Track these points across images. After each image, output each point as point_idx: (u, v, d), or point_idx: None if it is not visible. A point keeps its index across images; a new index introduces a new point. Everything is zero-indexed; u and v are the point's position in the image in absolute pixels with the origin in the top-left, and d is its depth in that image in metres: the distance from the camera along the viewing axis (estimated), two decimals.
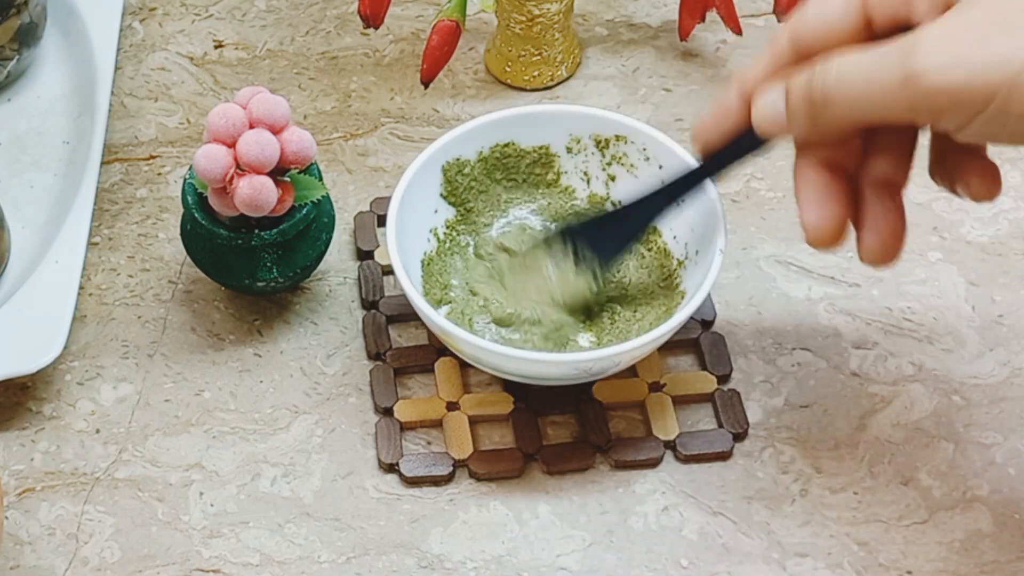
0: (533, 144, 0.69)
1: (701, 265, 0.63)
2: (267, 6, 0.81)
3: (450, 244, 0.68)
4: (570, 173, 0.69)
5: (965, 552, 0.61)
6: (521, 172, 0.69)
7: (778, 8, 0.76)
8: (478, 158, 0.68)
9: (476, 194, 0.69)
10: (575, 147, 0.69)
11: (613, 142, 0.68)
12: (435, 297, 0.66)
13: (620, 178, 0.68)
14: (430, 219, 0.67)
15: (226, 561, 0.61)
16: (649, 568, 0.61)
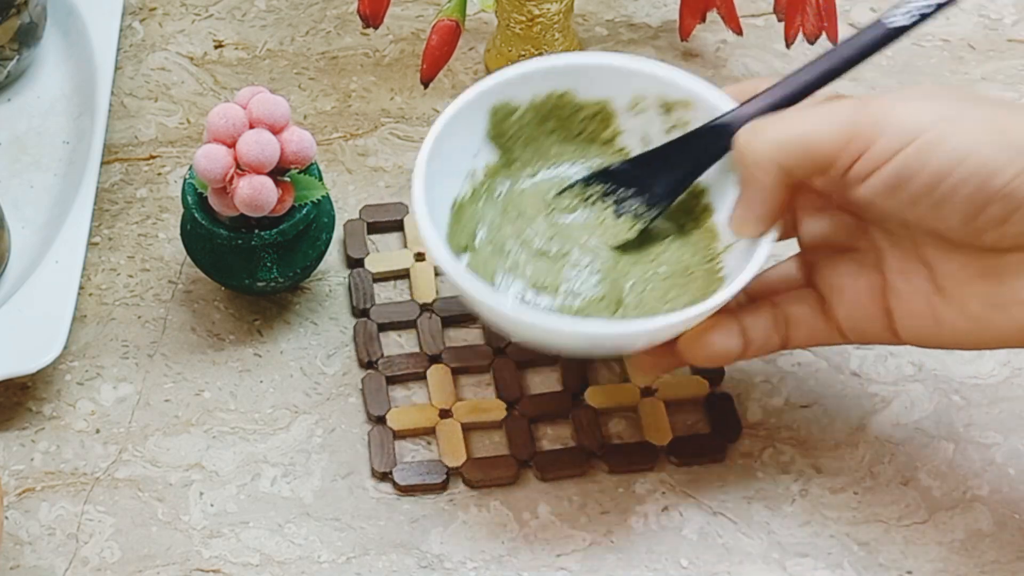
0: (592, 97, 0.63)
1: (747, 253, 0.58)
2: (267, 6, 0.81)
3: (486, 191, 0.63)
4: (628, 133, 0.63)
5: (965, 552, 0.61)
6: (575, 126, 0.64)
7: (778, 8, 0.76)
8: (530, 104, 0.63)
9: (524, 143, 0.63)
10: (637, 106, 0.63)
11: (679, 107, 0.62)
12: (459, 245, 0.61)
13: None
14: (469, 161, 0.62)
15: (226, 561, 0.61)
16: (649, 568, 0.61)
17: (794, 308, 0.60)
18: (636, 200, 0.61)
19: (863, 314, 0.58)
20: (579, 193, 0.62)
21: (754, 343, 0.59)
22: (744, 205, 0.58)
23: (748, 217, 0.58)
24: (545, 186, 0.63)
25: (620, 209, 0.61)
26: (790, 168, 0.55)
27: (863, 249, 0.58)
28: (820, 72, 0.57)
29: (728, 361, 0.61)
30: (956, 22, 0.80)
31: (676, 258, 0.62)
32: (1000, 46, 0.79)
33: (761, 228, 0.58)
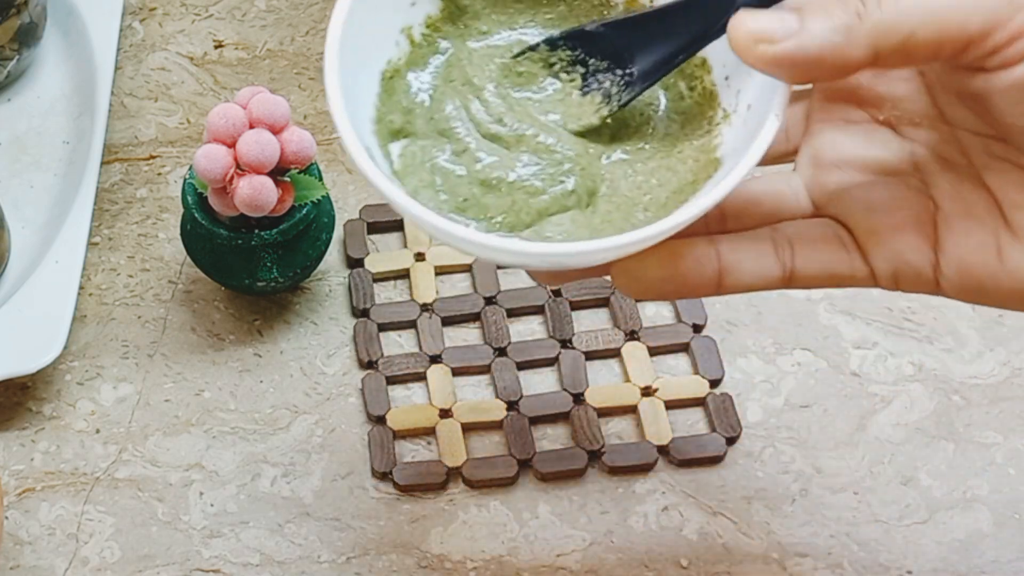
0: None
1: (750, 124, 0.46)
2: (267, 6, 0.81)
3: (427, 50, 0.50)
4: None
5: (965, 552, 0.61)
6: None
7: None
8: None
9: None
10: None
11: None
12: (392, 126, 0.49)
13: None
14: (403, 14, 0.50)
15: (226, 561, 0.61)
16: (649, 568, 0.61)
17: (805, 232, 0.48)
18: (609, 76, 0.49)
19: (906, 244, 0.46)
20: (542, 58, 0.50)
21: (737, 271, 0.47)
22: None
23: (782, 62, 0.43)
24: (500, 47, 0.51)
25: (588, 84, 0.49)
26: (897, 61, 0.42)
27: (903, 171, 0.47)
28: None
29: (689, 294, 0.47)
30: None
31: (661, 129, 0.50)
32: None
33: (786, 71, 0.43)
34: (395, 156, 0.48)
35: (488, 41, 0.51)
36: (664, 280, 0.46)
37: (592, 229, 0.48)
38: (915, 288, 0.47)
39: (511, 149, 0.48)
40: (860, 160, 0.48)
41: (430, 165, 0.48)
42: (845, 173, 0.48)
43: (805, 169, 0.49)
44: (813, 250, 0.47)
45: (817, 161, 0.49)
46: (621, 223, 0.48)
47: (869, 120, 0.48)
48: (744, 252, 0.47)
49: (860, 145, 0.48)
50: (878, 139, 0.48)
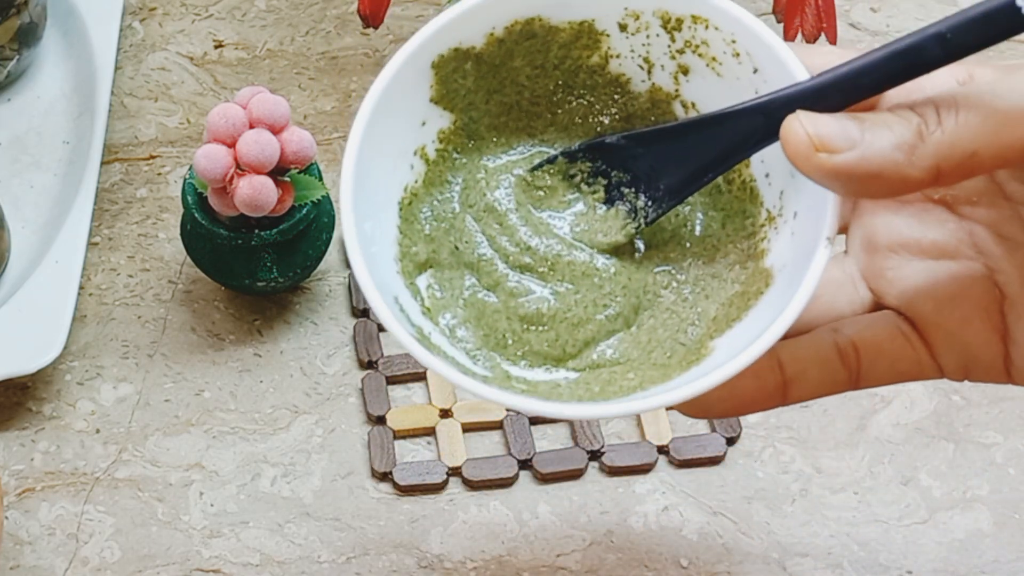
0: (569, 19, 0.48)
1: (799, 238, 0.44)
2: (267, 6, 0.81)
3: (443, 167, 0.49)
4: (624, 58, 0.48)
5: (965, 552, 0.61)
6: (551, 56, 0.48)
7: (777, 8, 0.76)
8: (487, 42, 0.48)
9: (485, 95, 0.49)
10: (632, 24, 0.47)
11: (689, 24, 0.46)
12: (417, 259, 0.47)
13: (697, 73, 0.47)
14: (415, 136, 0.48)
15: (226, 561, 0.61)
16: (649, 568, 0.61)
17: (867, 331, 0.45)
18: (633, 189, 0.47)
19: (975, 338, 0.44)
20: (560, 170, 0.48)
21: (803, 382, 0.44)
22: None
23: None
24: (517, 160, 0.49)
25: (611, 196, 0.48)
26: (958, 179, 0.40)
27: (963, 253, 0.44)
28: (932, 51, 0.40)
29: (754, 410, 0.45)
30: None
31: (700, 229, 0.48)
32: (1000, 46, 0.79)
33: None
34: (424, 291, 0.47)
35: (507, 155, 0.49)
36: (724, 400, 0.44)
37: (641, 350, 0.46)
38: (985, 379, 0.44)
39: (546, 280, 0.47)
40: (916, 243, 0.45)
41: (463, 300, 0.47)
42: (902, 258, 0.45)
43: (859, 253, 0.46)
44: (879, 353, 0.44)
45: (870, 244, 0.46)
46: (671, 343, 0.46)
47: (923, 199, 0.45)
48: (808, 362, 0.44)
49: (915, 227, 0.45)
50: (934, 219, 0.45)
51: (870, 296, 0.46)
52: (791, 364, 0.44)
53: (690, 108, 0.48)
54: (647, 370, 0.45)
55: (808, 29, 0.73)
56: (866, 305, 0.46)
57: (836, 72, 0.41)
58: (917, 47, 0.40)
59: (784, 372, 0.44)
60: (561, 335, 0.46)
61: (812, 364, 0.44)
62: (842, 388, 0.45)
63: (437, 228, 0.48)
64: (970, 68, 0.43)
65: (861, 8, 0.81)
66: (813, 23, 0.73)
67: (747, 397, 0.44)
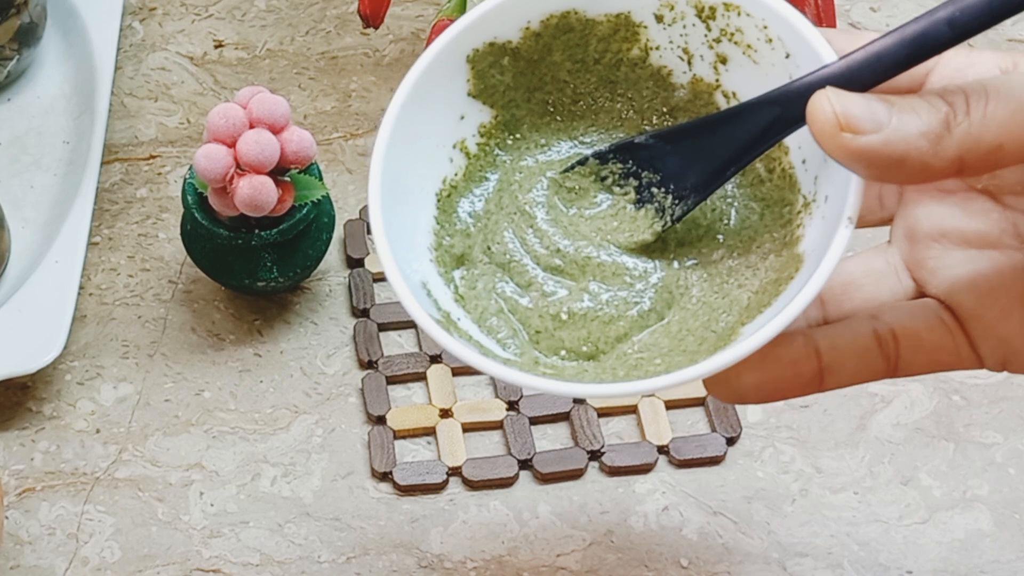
0: (606, 11, 0.48)
1: (828, 221, 0.43)
2: (267, 6, 0.81)
3: (484, 162, 0.49)
4: (663, 50, 0.48)
5: (965, 552, 0.61)
6: (591, 50, 0.49)
7: None
8: (523, 36, 0.48)
9: (526, 93, 0.49)
10: (667, 15, 0.48)
11: (722, 12, 0.46)
12: (453, 252, 0.48)
13: (735, 61, 0.47)
14: (453, 129, 0.48)
15: (226, 561, 0.61)
16: (649, 568, 0.61)
17: (908, 319, 0.44)
18: (663, 188, 0.47)
19: (1016, 329, 0.43)
20: (592, 171, 0.49)
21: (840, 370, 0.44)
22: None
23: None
24: (553, 162, 0.49)
25: (641, 197, 0.48)
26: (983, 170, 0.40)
27: (1006, 244, 0.44)
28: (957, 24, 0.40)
29: (789, 396, 0.44)
30: None
31: (738, 222, 0.48)
32: (1000, 46, 0.79)
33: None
34: (458, 280, 0.47)
35: (546, 155, 0.49)
36: (760, 386, 0.44)
37: (672, 339, 0.46)
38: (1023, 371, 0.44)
39: (577, 280, 0.47)
40: (959, 233, 0.44)
41: (496, 296, 0.47)
42: (944, 248, 0.45)
43: (901, 242, 0.46)
44: (918, 343, 0.44)
45: (913, 234, 0.46)
46: (702, 332, 0.46)
47: (966, 189, 0.45)
48: (846, 350, 0.44)
49: (959, 216, 0.45)
50: (978, 209, 0.44)
51: (913, 286, 0.45)
52: (828, 352, 0.43)
53: (731, 98, 0.48)
54: (675, 356, 0.45)
55: None
56: (909, 295, 0.45)
57: (853, 57, 0.41)
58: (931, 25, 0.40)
59: (821, 360, 0.43)
60: (593, 332, 0.47)
61: (850, 353, 0.44)
62: (880, 376, 0.44)
63: (472, 226, 0.48)
64: (1016, 57, 0.42)
65: (861, 8, 0.81)
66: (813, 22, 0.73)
67: (784, 383, 0.43)
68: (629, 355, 0.46)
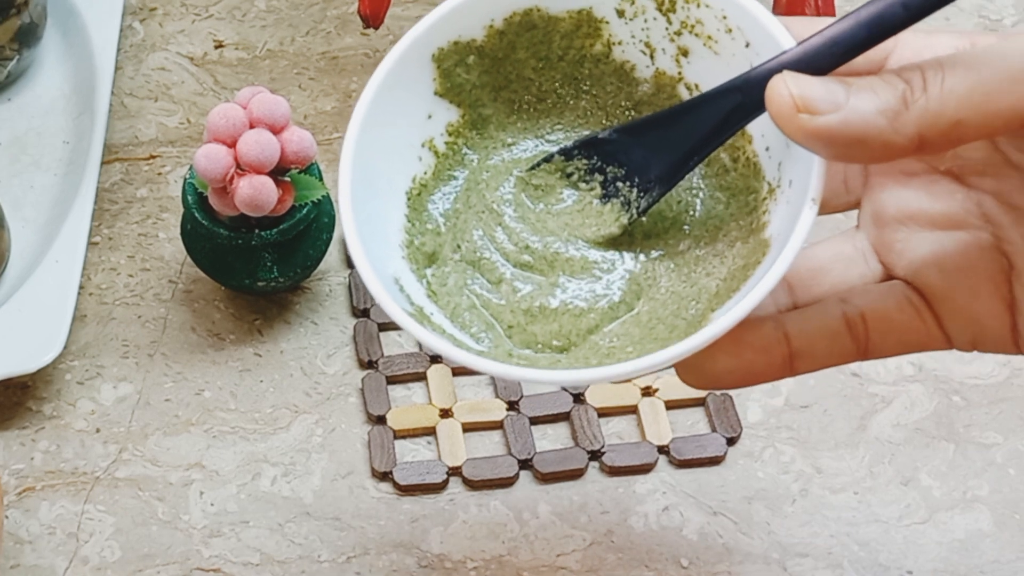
0: (567, 8, 0.48)
1: (792, 205, 0.44)
2: (267, 6, 0.81)
3: (452, 160, 0.50)
4: (626, 44, 0.49)
5: (965, 552, 0.61)
6: (555, 47, 0.49)
7: (777, 7, 0.76)
8: (487, 35, 0.49)
9: (492, 92, 0.50)
10: (628, 9, 0.48)
11: (681, 4, 0.47)
12: (424, 250, 0.48)
13: (696, 53, 0.47)
14: (421, 128, 0.49)
15: (226, 561, 0.61)
16: (649, 568, 0.61)
17: (877, 302, 0.44)
18: (627, 182, 0.48)
19: (983, 308, 0.44)
20: (558, 166, 0.49)
21: (809, 354, 0.44)
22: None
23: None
24: (519, 160, 0.50)
25: (607, 192, 0.48)
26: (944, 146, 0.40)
27: (972, 223, 0.44)
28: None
29: (759, 382, 0.45)
30: (956, 22, 0.80)
31: (704, 212, 0.48)
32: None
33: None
34: (430, 277, 0.48)
35: (512, 153, 0.50)
36: (731, 371, 0.44)
37: (643, 328, 0.46)
38: (993, 350, 0.44)
39: (547, 275, 0.48)
40: (925, 214, 0.45)
41: (468, 292, 0.48)
42: (910, 230, 0.45)
43: (869, 227, 0.46)
44: (888, 324, 0.44)
45: (879, 218, 0.46)
46: (673, 320, 0.46)
47: (931, 171, 0.45)
48: (816, 334, 0.44)
49: (924, 199, 0.45)
50: (942, 191, 0.45)
51: (881, 269, 0.46)
52: (798, 337, 0.44)
53: (694, 90, 0.48)
54: (647, 344, 0.46)
55: None
56: (877, 278, 0.46)
57: (811, 42, 0.41)
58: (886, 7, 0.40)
59: (791, 344, 0.44)
60: (564, 326, 0.47)
61: (819, 336, 0.44)
62: (850, 359, 0.45)
63: (442, 224, 0.49)
64: (973, 36, 0.42)
65: None
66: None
67: (755, 368, 0.44)
68: (601, 345, 0.46)
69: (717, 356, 0.44)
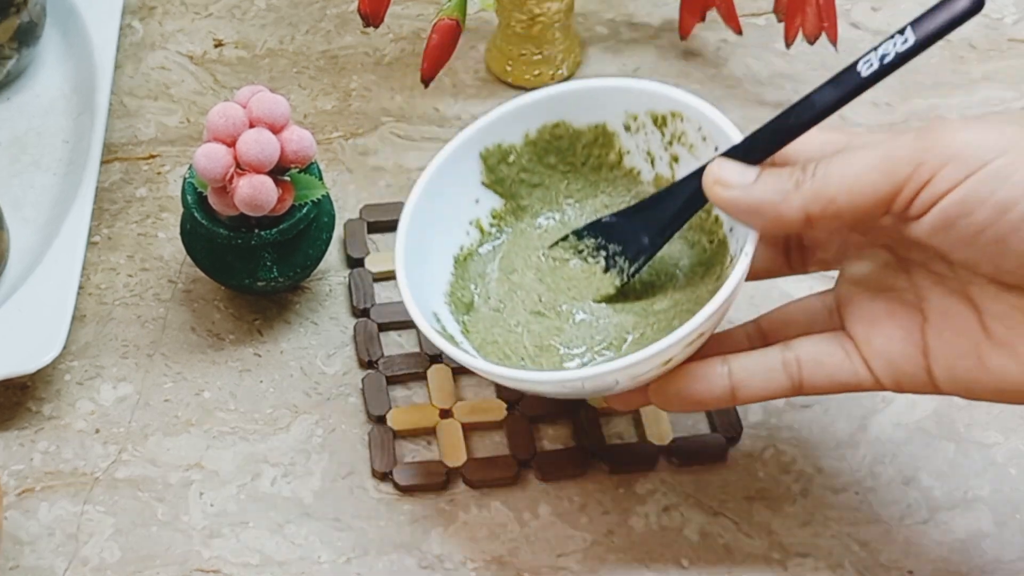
0: (587, 123, 0.62)
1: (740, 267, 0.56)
2: (267, 5, 0.81)
3: (493, 236, 0.63)
4: (633, 153, 0.62)
5: (965, 552, 0.61)
6: (578, 155, 0.63)
7: (778, 8, 0.76)
8: (525, 142, 0.62)
9: (528, 187, 0.63)
10: (633, 125, 0.61)
11: (670, 119, 0.60)
12: (463, 300, 0.61)
13: (683, 159, 0.60)
14: (470, 210, 0.62)
15: (226, 561, 0.61)
16: (649, 568, 0.61)
17: (812, 347, 0.56)
18: (622, 255, 0.61)
19: (899, 352, 0.54)
20: (572, 245, 0.62)
21: (747, 387, 0.56)
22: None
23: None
24: (545, 235, 0.63)
25: (609, 264, 0.61)
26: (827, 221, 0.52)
27: (901, 288, 0.55)
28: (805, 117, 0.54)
29: (709, 407, 0.57)
30: None
31: (685, 284, 0.60)
32: (1001, 46, 0.79)
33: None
34: (465, 320, 0.61)
35: (540, 229, 0.63)
36: (683, 398, 0.56)
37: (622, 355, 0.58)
38: (917, 390, 0.54)
39: (556, 321, 0.60)
40: (868, 279, 0.56)
41: (494, 331, 0.60)
42: (857, 290, 0.56)
43: (839, 287, 0.58)
44: (819, 365, 0.55)
45: (843, 280, 0.58)
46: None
47: (875, 245, 0.56)
48: (754, 370, 0.56)
49: (867, 266, 0.56)
50: (880, 260, 0.56)
51: (840, 322, 0.57)
52: (738, 372, 0.56)
53: None
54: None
55: (809, 29, 0.73)
56: (837, 329, 0.57)
57: (747, 138, 0.55)
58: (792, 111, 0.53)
59: (732, 378, 0.55)
60: (565, 355, 0.60)
61: (757, 372, 0.56)
62: (786, 393, 0.56)
63: (480, 284, 0.62)
64: (850, 136, 0.55)
65: (862, 7, 0.81)
66: (814, 23, 0.73)
67: (701, 397, 0.56)
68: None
69: (673, 383, 0.56)
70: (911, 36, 0.52)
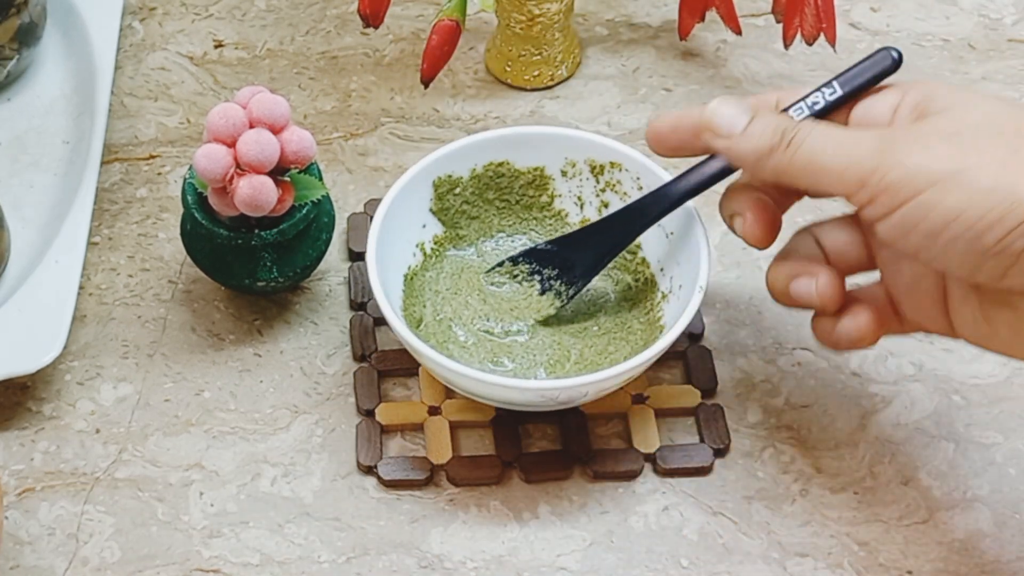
0: (528, 165, 0.67)
1: (682, 299, 0.62)
2: (267, 6, 0.81)
3: (434, 260, 0.67)
4: (564, 197, 0.68)
5: (965, 552, 0.61)
6: (515, 193, 0.68)
7: (776, 8, 0.76)
8: (471, 175, 0.67)
9: (468, 219, 0.68)
10: (570, 171, 0.67)
11: (608, 168, 0.66)
12: (414, 316, 0.65)
13: (613, 205, 0.67)
14: (417, 233, 0.67)
15: (226, 561, 0.61)
16: (649, 568, 0.61)
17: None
18: (559, 279, 0.66)
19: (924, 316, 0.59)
20: (508, 270, 0.67)
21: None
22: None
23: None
24: (481, 261, 0.68)
25: (544, 287, 0.66)
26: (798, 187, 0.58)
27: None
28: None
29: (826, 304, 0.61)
30: (956, 22, 0.80)
31: (615, 313, 0.66)
32: (1000, 46, 0.79)
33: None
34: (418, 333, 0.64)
35: (476, 254, 0.68)
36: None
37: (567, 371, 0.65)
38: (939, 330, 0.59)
39: (503, 339, 0.65)
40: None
41: (448, 346, 0.65)
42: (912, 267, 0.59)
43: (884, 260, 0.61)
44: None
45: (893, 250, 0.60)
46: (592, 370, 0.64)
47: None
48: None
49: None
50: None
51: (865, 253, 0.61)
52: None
53: None
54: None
55: (807, 29, 0.73)
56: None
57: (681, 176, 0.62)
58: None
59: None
60: (514, 368, 0.65)
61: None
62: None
63: (427, 301, 0.66)
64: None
65: (861, 8, 0.81)
66: (812, 23, 0.73)
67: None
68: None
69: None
70: (838, 89, 0.59)
